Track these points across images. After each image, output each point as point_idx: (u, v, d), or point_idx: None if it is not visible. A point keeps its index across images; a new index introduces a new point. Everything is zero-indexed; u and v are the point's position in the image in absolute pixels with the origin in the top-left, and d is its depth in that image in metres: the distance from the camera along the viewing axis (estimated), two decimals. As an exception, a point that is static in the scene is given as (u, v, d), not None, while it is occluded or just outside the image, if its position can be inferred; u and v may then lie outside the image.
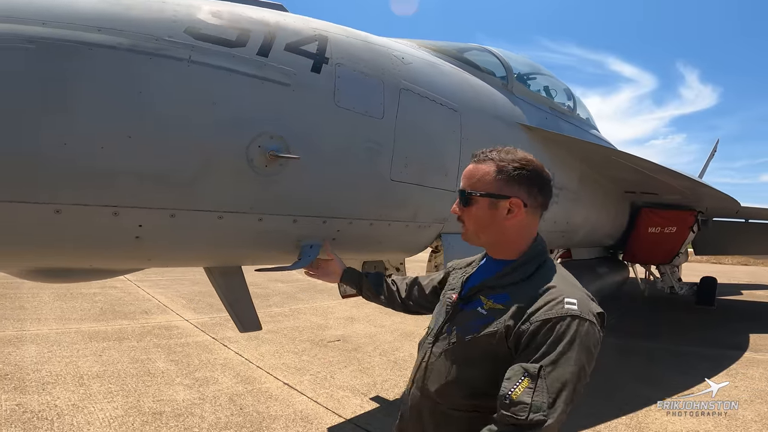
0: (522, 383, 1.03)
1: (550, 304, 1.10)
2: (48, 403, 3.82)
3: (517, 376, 1.04)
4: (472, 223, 1.31)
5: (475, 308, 1.24)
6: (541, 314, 1.09)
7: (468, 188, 1.29)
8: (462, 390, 1.21)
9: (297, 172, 1.90)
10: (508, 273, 1.25)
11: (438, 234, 2.85)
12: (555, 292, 1.14)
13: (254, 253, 2.08)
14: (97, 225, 1.55)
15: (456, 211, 1.33)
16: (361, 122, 2.14)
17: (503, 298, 1.20)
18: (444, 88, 2.78)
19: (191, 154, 1.65)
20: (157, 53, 1.53)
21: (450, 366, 1.25)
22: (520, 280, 1.22)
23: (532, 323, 1.09)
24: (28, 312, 6.78)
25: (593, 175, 5.24)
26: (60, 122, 1.40)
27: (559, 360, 1.04)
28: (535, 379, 1.02)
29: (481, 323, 1.20)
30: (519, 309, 1.14)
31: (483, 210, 1.27)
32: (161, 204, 1.64)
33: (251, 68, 1.75)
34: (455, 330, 1.27)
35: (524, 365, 1.05)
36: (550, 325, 1.07)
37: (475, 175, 1.29)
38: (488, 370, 1.16)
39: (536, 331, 1.08)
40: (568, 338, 1.05)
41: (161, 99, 1.56)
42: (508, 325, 1.13)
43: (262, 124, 1.78)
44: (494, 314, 1.18)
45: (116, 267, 2.01)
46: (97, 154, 1.46)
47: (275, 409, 4.03)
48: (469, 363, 1.21)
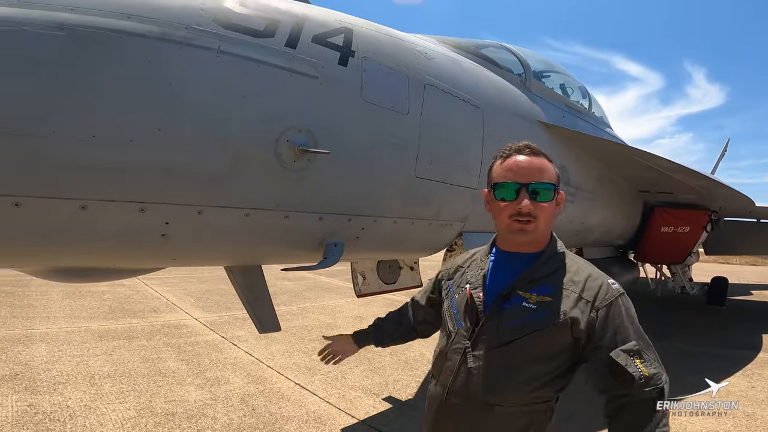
0: (636, 361, 1.15)
1: (604, 289, 1.21)
2: (60, 404, 3.78)
3: (629, 359, 1.15)
4: (546, 220, 1.26)
5: (520, 304, 1.22)
6: (602, 300, 1.19)
7: (549, 181, 1.25)
8: (530, 385, 1.21)
9: (324, 167, 1.84)
10: (543, 264, 1.26)
11: (459, 233, 2.79)
12: (598, 277, 1.24)
13: (278, 251, 2.02)
14: (122, 222, 1.49)
15: (531, 209, 1.22)
16: (388, 117, 2.08)
17: (546, 290, 1.22)
18: (466, 85, 2.72)
19: (220, 148, 1.59)
20: (187, 42, 1.47)
21: (510, 365, 1.21)
22: (556, 270, 1.25)
23: (598, 309, 1.18)
24: (37, 310, 6.76)
25: (610, 174, 5.16)
26: (89, 113, 1.34)
27: (638, 331, 1.20)
28: (641, 354, 1.16)
29: (535, 318, 1.20)
30: (577, 298, 1.19)
31: (553, 203, 1.28)
32: (189, 200, 1.58)
33: (280, 60, 1.69)
34: (503, 329, 1.22)
35: (624, 348, 1.16)
36: (615, 307, 1.19)
37: (544, 168, 1.26)
38: (555, 360, 1.21)
39: (606, 315, 1.17)
40: (631, 312, 1.21)
41: (192, 90, 1.50)
42: (574, 317, 1.17)
43: (290, 118, 1.72)
44: (545, 307, 1.20)
45: (140, 266, 1.95)
46: (126, 147, 1.40)
47: (288, 409, 3.98)
48: (530, 359, 1.21)
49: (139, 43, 1.40)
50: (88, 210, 1.40)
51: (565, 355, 1.21)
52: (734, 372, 5.53)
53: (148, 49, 1.41)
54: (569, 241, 5.63)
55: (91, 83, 1.34)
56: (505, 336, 1.21)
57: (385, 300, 8.99)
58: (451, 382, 1.27)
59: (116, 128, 1.39)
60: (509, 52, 3.99)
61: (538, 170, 1.24)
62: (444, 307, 1.42)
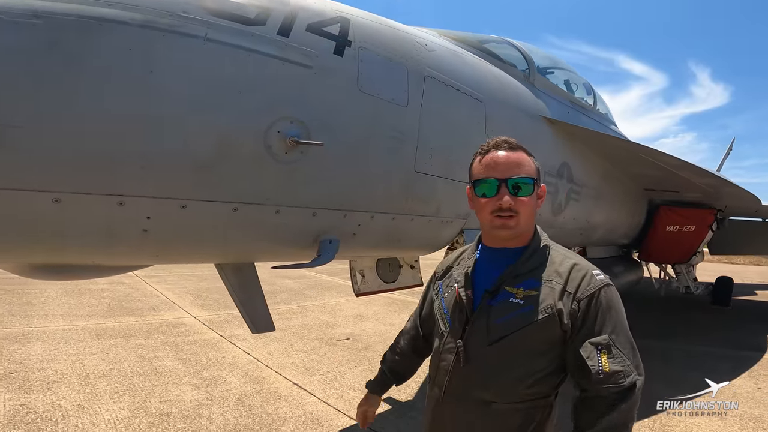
0: (602, 356, 1.12)
1: (586, 279, 1.19)
2: (53, 403, 3.72)
3: (594, 352, 1.12)
4: (527, 215, 1.25)
5: (507, 299, 1.21)
6: (583, 290, 1.17)
7: (528, 175, 1.25)
8: (523, 381, 1.19)
9: (318, 160, 1.76)
10: (528, 258, 1.25)
11: (460, 230, 2.70)
12: (581, 267, 1.22)
13: (270, 248, 1.94)
14: (100, 216, 1.41)
15: (511, 204, 1.22)
16: (386, 109, 2.00)
17: (532, 284, 1.21)
18: (468, 78, 2.63)
19: (206, 138, 1.51)
20: (171, 30, 1.40)
21: (501, 362, 1.20)
22: (541, 263, 1.24)
23: (580, 301, 1.16)
24: (36, 308, 6.72)
25: (615, 172, 5.06)
26: (63, 101, 1.26)
27: (616, 325, 1.16)
28: (609, 349, 1.13)
29: (522, 313, 1.19)
30: (561, 290, 1.18)
31: (533, 198, 1.26)
32: (172, 193, 1.50)
33: (271, 48, 1.61)
34: (492, 326, 1.21)
35: (592, 341, 1.13)
36: (596, 299, 1.16)
37: (523, 162, 1.26)
38: (543, 356, 1.20)
39: (586, 307, 1.16)
40: (613, 305, 1.18)
41: (175, 78, 1.43)
42: (559, 309, 1.16)
43: (282, 108, 1.64)
44: (533, 301, 1.18)
45: (120, 263, 1.87)
46: (103, 137, 1.33)
47: (285, 410, 3.90)
48: (522, 354, 1.20)
49: (120, 30, 1.32)
50: (61, 203, 1.32)
51: (557, 349, 1.20)
52: (740, 373, 5.44)
53: (128, 37, 1.34)
54: (573, 240, 5.58)
55: (66, 72, 1.26)
56: (495, 332, 1.21)
57: (385, 299, 8.93)
58: (447, 382, 1.27)
59: (92, 117, 1.31)
60: (513, 47, 3.90)
61: (516, 165, 1.24)
62: (434, 307, 1.43)
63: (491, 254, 1.32)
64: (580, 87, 5.15)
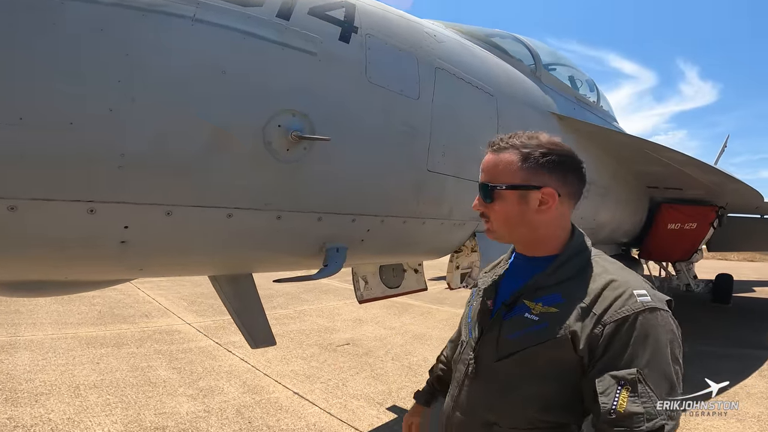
0: (621, 393, 0.92)
1: (621, 300, 0.99)
2: (41, 417, 3.55)
3: (612, 387, 0.93)
4: (499, 221, 1.16)
5: (522, 314, 1.09)
6: (613, 313, 0.98)
7: (490, 181, 1.14)
8: (531, 406, 1.07)
9: (324, 158, 1.59)
10: (554, 270, 1.11)
11: (472, 233, 2.55)
12: (619, 285, 1.02)
13: (270, 257, 1.76)
14: (66, 226, 1.22)
15: (478, 208, 1.19)
16: (396, 102, 1.83)
17: (554, 299, 1.07)
18: (479, 71, 2.48)
19: (193, 133, 1.32)
20: (151, 9, 1.21)
21: (506, 382, 1.10)
22: (571, 277, 1.09)
23: (605, 324, 0.98)
24: (23, 316, 6.49)
25: (620, 169, 4.95)
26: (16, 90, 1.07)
27: (654, 359, 0.95)
28: (635, 386, 0.92)
29: (535, 330, 1.06)
30: (582, 310, 1.01)
31: (511, 205, 1.12)
32: (153, 198, 1.31)
33: (270, 32, 1.43)
34: (502, 341, 1.12)
35: (614, 374, 0.94)
36: (630, 324, 0.96)
37: (497, 165, 1.14)
38: (555, 382, 1.05)
39: (614, 332, 0.97)
40: (653, 333, 0.96)
41: (156, 64, 1.24)
42: (574, 330, 1.00)
43: (283, 99, 1.47)
44: (549, 319, 1.05)
45: (99, 278, 1.66)
46: (64, 132, 1.13)
47: (286, 422, 3.75)
48: (530, 376, 1.07)
49: (87, 8, 1.14)
50: (17, 211, 1.12)
51: (571, 377, 1.03)
52: (749, 373, 5.36)
53: (98, 16, 1.15)
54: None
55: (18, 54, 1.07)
56: (503, 349, 1.11)
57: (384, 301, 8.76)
58: (456, 395, 1.21)
59: (51, 108, 1.11)
60: (519, 42, 3.77)
61: (489, 168, 1.16)
62: (463, 315, 1.37)
63: (522, 262, 1.22)
64: (583, 83, 5.04)
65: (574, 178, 1.15)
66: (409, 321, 7.59)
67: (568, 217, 1.18)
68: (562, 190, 1.12)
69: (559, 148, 1.14)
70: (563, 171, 1.12)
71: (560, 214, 1.14)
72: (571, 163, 1.14)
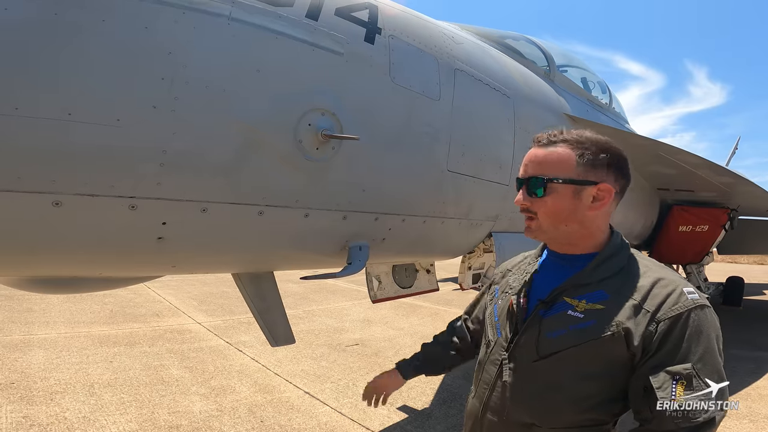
0: (677, 388, 0.95)
1: (673, 297, 1.01)
2: (57, 415, 3.57)
3: (668, 382, 0.96)
4: (547, 216, 1.13)
5: (564, 311, 1.08)
6: (667, 310, 0.99)
7: (544, 174, 1.11)
8: (575, 406, 1.06)
9: (351, 158, 1.61)
10: (596, 267, 1.10)
11: (488, 233, 2.56)
12: (669, 282, 1.04)
13: (295, 255, 1.78)
14: (108, 222, 1.24)
15: (523, 203, 1.15)
16: (418, 102, 1.85)
17: (598, 297, 1.06)
18: (496, 73, 2.49)
19: (230, 132, 1.34)
20: (191, 7, 1.23)
21: (548, 381, 1.08)
22: (614, 274, 1.09)
23: (660, 321, 0.99)
24: (36, 315, 6.55)
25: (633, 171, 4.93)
26: (64, 86, 1.09)
27: (706, 354, 0.98)
28: (690, 381, 0.95)
29: (582, 328, 1.05)
30: (634, 307, 1.02)
31: (565, 199, 1.11)
32: (191, 195, 1.33)
33: (301, 32, 1.46)
34: (543, 340, 1.10)
35: (671, 369, 0.96)
36: (684, 320, 0.98)
37: (549, 159, 1.12)
38: (601, 379, 1.05)
39: (669, 329, 0.98)
40: (705, 330, 0.99)
41: (196, 63, 1.26)
42: (628, 327, 1.00)
43: (313, 98, 1.49)
44: (594, 316, 1.04)
45: (133, 275, 1.69)
46: (111, 129, 1.15)
47: (298, 421, 3.76)
48: (574, 374, 1.06)
49: (133, 5, 1.16)
50: (63, 207, 1.14)
51: (618, 373, 1.04)
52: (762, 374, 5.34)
53: (144, 13, 1.17)
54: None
55: (69, 51, 1.09)
56: (545, 348, 1.09)
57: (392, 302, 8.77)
58: (487, 397, 1.18)
59: (99, 105, 1.13)
60: (532, 44, 3.79)
61: (538, 162, 1.13)
62: (486, 314, 1.34)
63: (556, 260, 1.20)
64: (596, 85, 5.05)
65: (624, 176, 1.16)
66: (417, 322, 7.59)
67: (609, 216, 1.18)
68: (615, 186, 1.13)
69: (613, 145, 1.15)
70: (616, 168, 1.14)
71: (609, 211, 1.15)
72: (624, 161, 1.16)
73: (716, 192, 6.25)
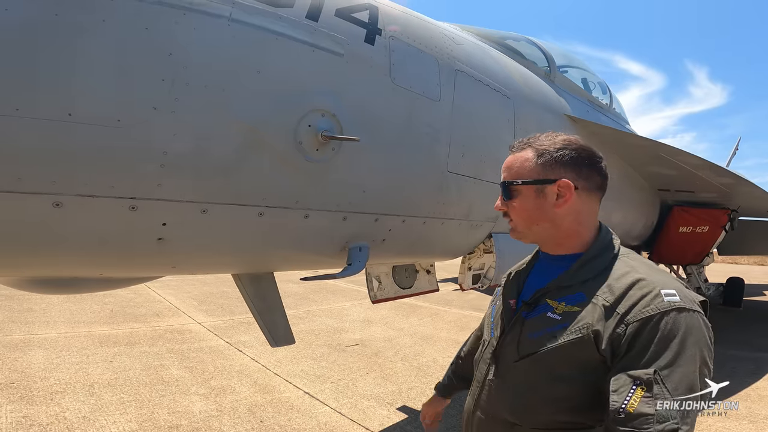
0: (635, 393, 0.89)
1: (647, 299, 0.96)
2: (57, 415, 3.57)
3: (626, 386, 0.91)
4: (520, 217, 1.17)
5: (544, 314, 1.08)
6: (637, 312, 0.95)
7: (509, 179, 1.16)
8: (550, 407, 1.05)
9: (350, 159, 1.61)
10: (579, 269, 1.09)
11: (488, 234, 2.56)
12: (647, 284, 0.99)
13: (295, 256, 1.78)
14: (108, 223, 1.24)
15: (500, 207, 1.20)
16: (419, 103, 1.86)
17: (578, 299, 1.05)
18: (496, 73, 2.50)
19: (230, 133, 1.34)
20: (192, 8, 1.23)
21: (526, 382, 1.09)
22: (596, 275, 1.06)
23: (628, 324, 0.95)
24: (37, 314, 6.56)
25: (632, 172, 4.94)
26: (65, 86, 1.09)
27: (676, 360, 0.90)
28: (650, 386, 0.89)
29: (557, 330, 1.04)
30: (606, 309, 0.99)
31: (529, 200, 1.13)
32: (191, 196, 1.33)
33: (301, 33, 1.46)
34: (524, 341, 1.11)
35: (631, 373, 0.91)
36: (654, 323, 0.93)
37: (515, 164, 1.17)
38: (576, 382, 1.03)
39: (637, 332, 0.93)
40: (679, 335, 0.92)
41: (197, 63, 1.26)
42: (597, 330, 0.98)
43: (313, 99, 1.49)
44: (570, 318, 1.03)
45: (133, 275, 1.69)
46: (111, 130, 1.15)
47: (298, 421, 3.76)
48: (551, 377, 1.05)
49: (134, 6, 1.16)
50: (63, 207, 1.14)
51: (593, 377, 1.00)
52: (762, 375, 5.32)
53: (144, 14, 1.17)
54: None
55: (69, 52, 1.09)
56: (524, 349, 1.10)
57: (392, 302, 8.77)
58: (477, 395, 1.21)
59: (99, 106, 1.13)
60: (532, 44, 3.79)
61: (508, 167, 1.18)
62: (486, 314, 1.36)
63: (547, 261, 1.21)
64: (596, 86, 5.04)
65: (592, 172, 1.13)
66: (417, 322, 7.59)
67: (594, 215, 1.16)
68: (578, 183, 1.11)
69: (573, 143, 1.14)
70: (578, 164, 1.12)
71: (580, 208, 1.13)
72: (587, 157, 1.13)
73: (716, 193, 6.25)
